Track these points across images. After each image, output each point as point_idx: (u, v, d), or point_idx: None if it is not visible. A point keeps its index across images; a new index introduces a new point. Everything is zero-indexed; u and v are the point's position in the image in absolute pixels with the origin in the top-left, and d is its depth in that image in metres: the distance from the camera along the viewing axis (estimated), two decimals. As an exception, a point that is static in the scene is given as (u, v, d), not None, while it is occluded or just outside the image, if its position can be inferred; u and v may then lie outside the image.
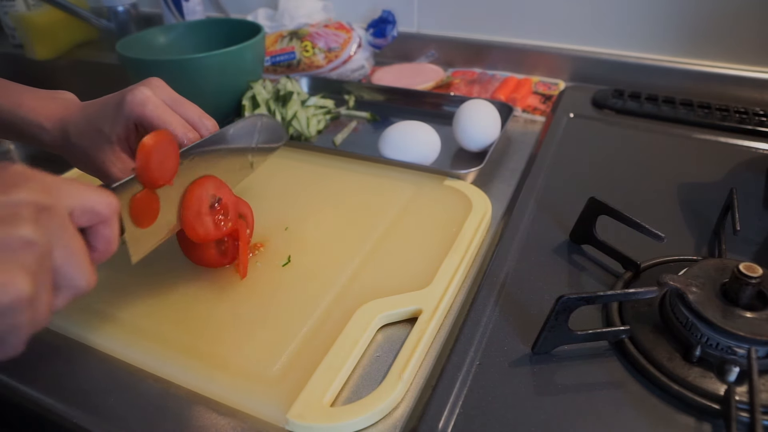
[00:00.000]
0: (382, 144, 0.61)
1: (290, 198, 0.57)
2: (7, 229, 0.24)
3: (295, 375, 0.38)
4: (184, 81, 0.66)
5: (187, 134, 0.42)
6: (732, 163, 0.61)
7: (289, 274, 0.47)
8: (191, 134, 0.43)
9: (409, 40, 0.93)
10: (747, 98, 0.75)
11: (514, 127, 0.74)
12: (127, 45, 0.69)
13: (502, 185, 0.61)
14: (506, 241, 0.50)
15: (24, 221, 0.25)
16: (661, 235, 0.43)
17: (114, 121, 0.41)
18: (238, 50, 0.67)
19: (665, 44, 0.79)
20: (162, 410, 0.37)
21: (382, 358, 0.40)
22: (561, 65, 0.85)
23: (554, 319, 0.37)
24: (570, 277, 0.46)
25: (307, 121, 0.71)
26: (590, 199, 0.47)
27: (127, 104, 0.41)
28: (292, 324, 0.42)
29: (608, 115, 0.73)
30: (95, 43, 1.13)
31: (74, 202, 0.29)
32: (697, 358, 0.36)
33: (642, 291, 0.38)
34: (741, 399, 0.34)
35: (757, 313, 0.36)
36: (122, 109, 0.41)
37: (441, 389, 0.37)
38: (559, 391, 0.36)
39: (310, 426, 0.35)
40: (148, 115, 0.41)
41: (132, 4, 1.05)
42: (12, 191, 0.26)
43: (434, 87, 0.84)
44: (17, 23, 1.06)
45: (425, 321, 0.42)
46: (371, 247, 0.50)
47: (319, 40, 0.85)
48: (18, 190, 0.26)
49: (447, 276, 0.46)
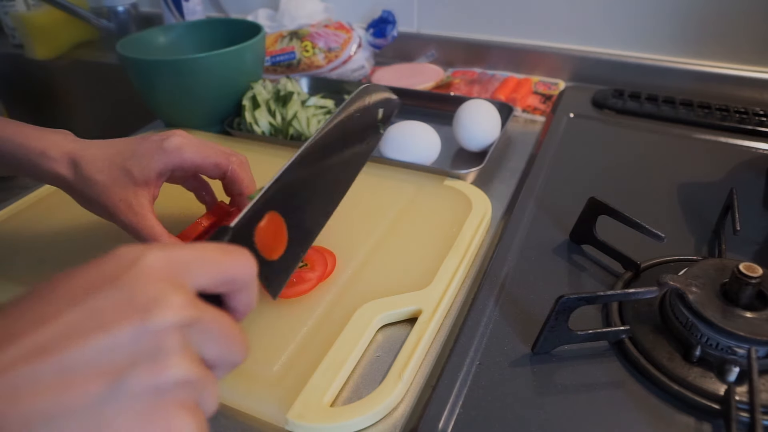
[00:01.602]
0: (382, 144, 0.61)
1: (290, 198, 0.57)
2: (157, 372, 0.20)
3: (295, 375, 0.38)
4: (184, 81, 0.66)
5: (230, 158, 0.45)
6: (732, 163, 0.61)
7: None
8: (233, 158, 0.45)
9: (409, 40, 0.93)
10: (747, 98, 0.75)
11: (514, 127, 0.74)
12: (127, 45, 0.69)
13: (502, 185, 0.61)
14: (506, 241, 0.50)
15: (171, 357, 0.21)
16: (661, 235, 0.43)
17: (148, 165, 0.42)
18: (238, 50, 0.67)
19: (665, 44, 0.79)
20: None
21: (382, 358, 0.40)
22: (561, 65, 0.85)
23: (554, 319, 0.37)
24: (570, 277, 0.46)
25: (307, 121, 0.71)
26: (590, 199, 0.47)
27: (164, 152, 0.43)
28: (292, 324, 0.42)
29: (608, 115, 0.73)
30: (95, 43, 1.12)
31: (211, 277, 0.24)
32: (697, 358, 0.36)
33: (642, 291, 0.38)
34: (741, 399, 0.34)
35: (757, 313, 0.36)
36: (159, 156, 0.42)
37: (441, 389, 0.37)
38: (559, 391, 0.36)
39: (310, 426, 0.35)
40: (188, 158, 0.43)
41: (132, 4, 1.05)
42: (149, 313, 0.20)
43: (434, 87, 0.84)
44: (17, 23, 1.06)
45: (425, 321, 0.42)
46: (371, 246, 0.50)
47: (319, 40, 0.85)
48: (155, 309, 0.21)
49: (447, 276, 0.46)
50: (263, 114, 0.70)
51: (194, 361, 0.22)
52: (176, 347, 0.21)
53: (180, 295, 0.22)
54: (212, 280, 0.24)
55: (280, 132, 0.70)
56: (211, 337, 0.23)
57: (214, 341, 0.23)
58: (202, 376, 0.22)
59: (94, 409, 0.19)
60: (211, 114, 0.71)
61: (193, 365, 0.21)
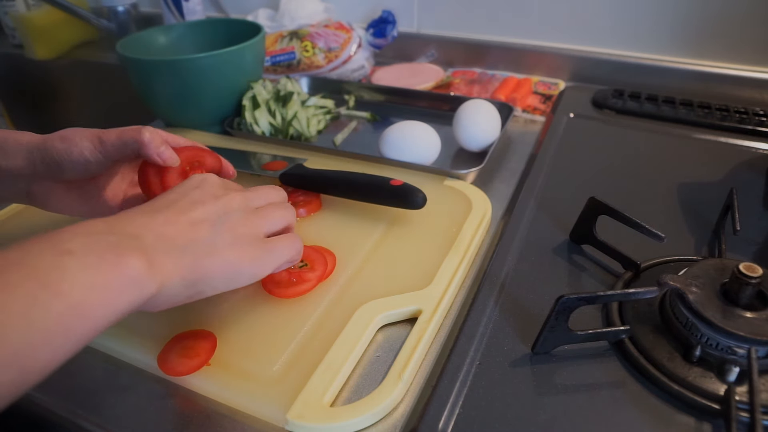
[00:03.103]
0: (382, 144, 0.61)
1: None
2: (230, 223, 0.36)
3: (295, 375, 0.38)
4: (184, 81, 0.66)
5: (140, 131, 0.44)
6: (732, 163, 0.61)
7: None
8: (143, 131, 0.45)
9: (409, 40, 0.93)
10: (747, 98, 0.75)
11: (514, 127, 0.74)
12: (127, 45, 0.69)
13: (502, 185, 0.61)
14: (506, 241, 0.50)
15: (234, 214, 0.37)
16: (661, 235, 0.43)
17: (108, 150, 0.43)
18: (238, 50, 0.67)
19: (665, 44, 0.79)
20: (162, 410, 0.37)
21: (382, 358, 0.40)
22: (561, 65, 0.85)
23: (554, 319, 0.37)
24: (570, 277, 0.46)
25: (307, 121, 0.71)
26: (590, 199, 0.47)
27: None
28: (292, 324, 0.42)
29: (608, 115, 0.73)
30: (95, 43, 1.13)
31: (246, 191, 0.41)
32: (697, 358, 0.36)
33: (642, 291, 0.38)
34: (741, 399, 0.34)
35: (757, 313, 0.36)
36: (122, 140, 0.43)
37: (441, 389, 0.37)
38: (559, 391, 0.36)
39: (310, 426, 0.35)
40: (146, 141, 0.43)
41: (132, 4, 1.06)
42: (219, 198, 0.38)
43: (434, 87, 0.84)
44: (17, 23, 1.06)
45: (425, 321, 0.42)
46: (371, 246, 0.50)
47: (319, 40, 0.85)
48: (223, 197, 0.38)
49: (447, 276, 0.46)
50: (263, 114, 0.70)
51: (252, 213, 0.38)
52: (238, 212, 0.37)
53: (232, 191, 0.39)
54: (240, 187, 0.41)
55: (280, 132, 0.70)
56: (256, 196, 0.40)
57: (259, 197, 0.40)
58: (258, 219, 0.38)
59: (208, 239, 0.34)
60: (211, 114, 0.71)
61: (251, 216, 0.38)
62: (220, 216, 0.36)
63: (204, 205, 0.36)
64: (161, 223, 0.34)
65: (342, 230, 0.52)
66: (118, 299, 0.29)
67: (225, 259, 0.34)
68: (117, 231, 0.31)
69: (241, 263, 0.35)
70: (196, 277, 0.33)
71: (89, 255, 0.28)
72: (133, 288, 0.30)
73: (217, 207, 0.36)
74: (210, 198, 0.37)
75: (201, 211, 0.36)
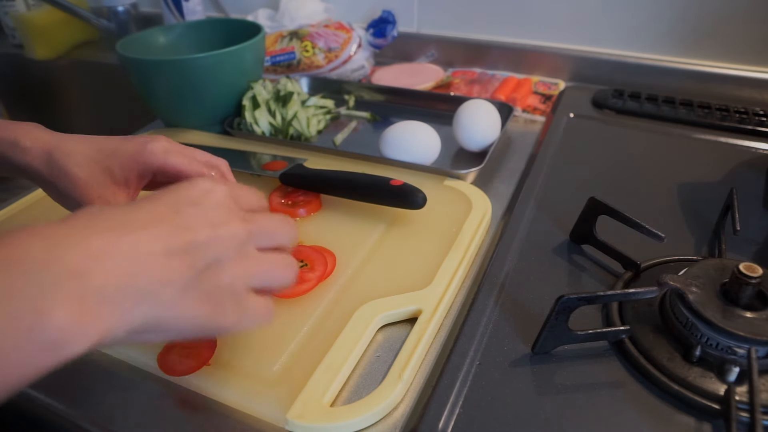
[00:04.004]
0: (382, 144, 0.61)
1: (290, 198, 0.57)
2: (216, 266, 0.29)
3: (295, 375, 0.38)
4: (184, 81, 0.66)
5: (212, 170, 0.43)
6: (732, 163, 0.61)
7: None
8: (214, 170, 0.44)
9: (409, 40, 0.93)
10: (747, 98, 0.75)
11: (514, 127, 0.74)
12: (127, 45, 0.69)
13: (502, 185, 0.61)
14: (506, 241, 0.50)
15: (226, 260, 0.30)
16: (661, 235, 0.43)
17: (129, 165, 0.41)
18: (238, 50, 0.67)
19: (665, 44, 0.79)
20: (161, 410, 0.37)
21: (382, 358, 0.40)
22: (561, 65, 0.85)
23: (554, 319, 0.37)
24: (570, 277, 0.46)
25: (307, 121, 0.71)
26: (590, 199, 0.47)
27: (149, 154, 0.41)
28: (292, 324, 0.42)
29: (608, 115, 0.73)
30: (95, 43, 1.12)
31: (255, 202, 0.34)
32: (697, 358, 0.36)
33: (642, 291, 0.38)
34: (741, 399, 0.34)
35: (757, 313, 0.36)
36: (143, 158, 0.41)
37: (441, 389, 0.37)
38: (559, 391, 0.36)
39: (310, 426, 0.35)
40: (171, 162, 0.41)
41: (132, 4, 1.06)
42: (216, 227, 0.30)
43: (434, 87, 0.84)
44: (17, 23, 1.06)
45: (425, 321, 0.42)
46: (371, 246, 0.50)
47: (319, 40, 0.85)
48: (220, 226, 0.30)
49: (447, 276, 0.46)
50: (263, 114, 0.70)
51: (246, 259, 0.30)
52: (232, 255, 0.30)
53: (235, 219, 0.31)
54: (256, 204, 0.34)
55: (280, 132, 0.70)
56: (261, 237, 0.32)
57: (264, 238, 0.32)
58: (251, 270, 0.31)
59: (181, 284, 0.27)
60: (211, 114, 0.71)
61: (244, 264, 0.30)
62: (207, 255, 0.28)
63: (194, 233, 0.28)
64: (127, 250, 0.26)
65: (342, 230, 0.52)
66: (24, 366, 0.23)
67: (191, 315, 0.28)
68: (57, 264, 0.24)
69: (208, 322, 0.29)
70: (146, 329, 0.26)
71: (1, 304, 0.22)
72: (50, 352, 0.23)
73: (209, 241, 0.29)
74: (205, 225, 0.29)
75: (187, 241, 0.28)
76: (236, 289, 0.30)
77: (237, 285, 0.30)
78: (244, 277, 0.30)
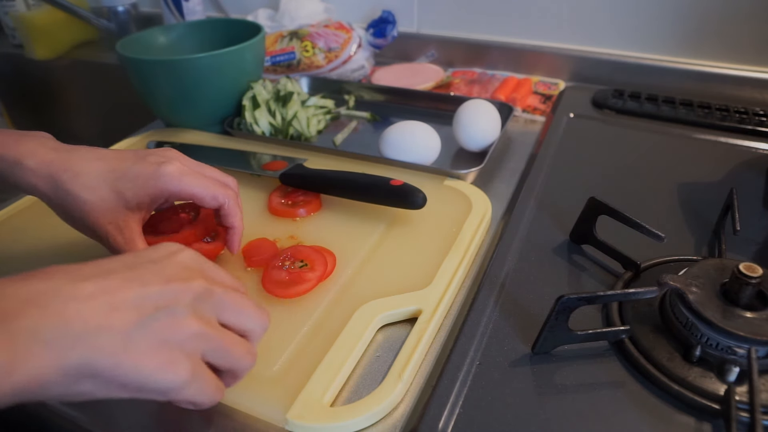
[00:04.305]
0: (382, 144, 0.61)
1: (290, 198, 0.57)
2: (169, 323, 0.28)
3: (295, 375, 0.38)
4: (184, 81, 0.66)
5: (226, 191, 0.43)
6: (732, 163, 0.61)
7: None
8: (229, 191, 0.44)
9: (409, 40, 0.93)
10: (747, 98, 0.75)
11: (514, 127, 0.74)
12: (127, 45, 0.69)
13: (502, 185, 0.61)
14: (506, 241, 0.50)
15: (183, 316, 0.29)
16: (661, 235, 0.43)
17: (142, 189, 0.40)
18: (238, 50, 0.67)
19: (665, 44, 0.79)
20: (162, 411, 0.37)
21: (382, 358, 0.40)
22: (561, 65, 0.85)
23: (554, 319, 0.37)
24: (570, 277, 0.46)
25: (307, 121, 0.71)
26: (590, 199, 0.47)
27: (166, 177, 0.40)
28: (292, 324, 0.42)
29: (608, 115, 0.73)
30: (95, 43, 1.12)
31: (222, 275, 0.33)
32: (697, 358, 0.36)
33: (642, 291, 0.38)
34: (741, 399, 0.34)
35: (757, 313, 0.36)
36: (158, 182, 0.40)
37: (441, 389, 0.37)
38: (559, 391, 0.36)
39: (309, 426, 0.35)
40: (185, 186, 0.41)
41: (132, 4, 1.06)
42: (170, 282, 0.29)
43: (434, 87, 0.84)
44: (17, 23, 1.06)
45: (425, 321, 0.42)
46: (371, 246, 0.50)
47: (319, 40, 0.85)
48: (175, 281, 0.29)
49: (447, 276, 0.46)
50: (263, 114, 0.70)
51: (202, 321, 0.29)
52: (187, 309, 0.29)
53: (196, 276, 0.30)
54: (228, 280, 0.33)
55: (280, 132, 0.70)
56: (225, 306, 0.31)
57: (228, 310, 0.31)
58: (208, 334, 0.29)
59: (124, 333, 0.26)
60: (211, 114, 0.71)
61: (200, 323, 0.29)
62: (158, 304, 0.28)
63: (145, 287, 0.28)
64: (66, 295, 0.26)
65: (342, 230, 0.52)
66: None
67: (133, 365, 0.26)
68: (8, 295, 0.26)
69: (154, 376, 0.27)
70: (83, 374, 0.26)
71: None
72: None
73: (160, 295, 0.28)
74: (159, 279, 0.29)
75: (136, 293, 0.27)
76: (189, 350, 0.28)
77: (191, 345, 0.28)
78: (199, 340, 0.29)
